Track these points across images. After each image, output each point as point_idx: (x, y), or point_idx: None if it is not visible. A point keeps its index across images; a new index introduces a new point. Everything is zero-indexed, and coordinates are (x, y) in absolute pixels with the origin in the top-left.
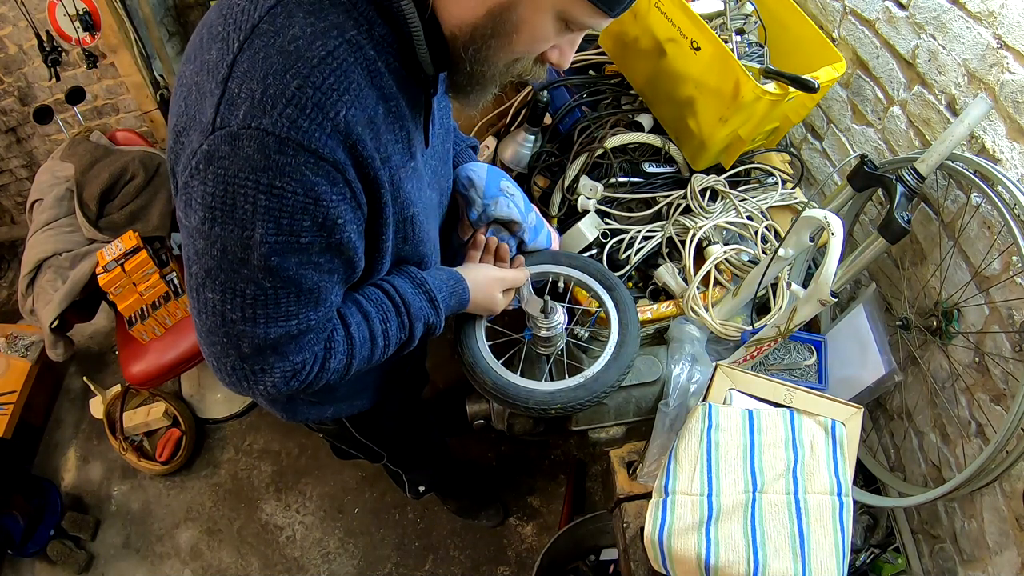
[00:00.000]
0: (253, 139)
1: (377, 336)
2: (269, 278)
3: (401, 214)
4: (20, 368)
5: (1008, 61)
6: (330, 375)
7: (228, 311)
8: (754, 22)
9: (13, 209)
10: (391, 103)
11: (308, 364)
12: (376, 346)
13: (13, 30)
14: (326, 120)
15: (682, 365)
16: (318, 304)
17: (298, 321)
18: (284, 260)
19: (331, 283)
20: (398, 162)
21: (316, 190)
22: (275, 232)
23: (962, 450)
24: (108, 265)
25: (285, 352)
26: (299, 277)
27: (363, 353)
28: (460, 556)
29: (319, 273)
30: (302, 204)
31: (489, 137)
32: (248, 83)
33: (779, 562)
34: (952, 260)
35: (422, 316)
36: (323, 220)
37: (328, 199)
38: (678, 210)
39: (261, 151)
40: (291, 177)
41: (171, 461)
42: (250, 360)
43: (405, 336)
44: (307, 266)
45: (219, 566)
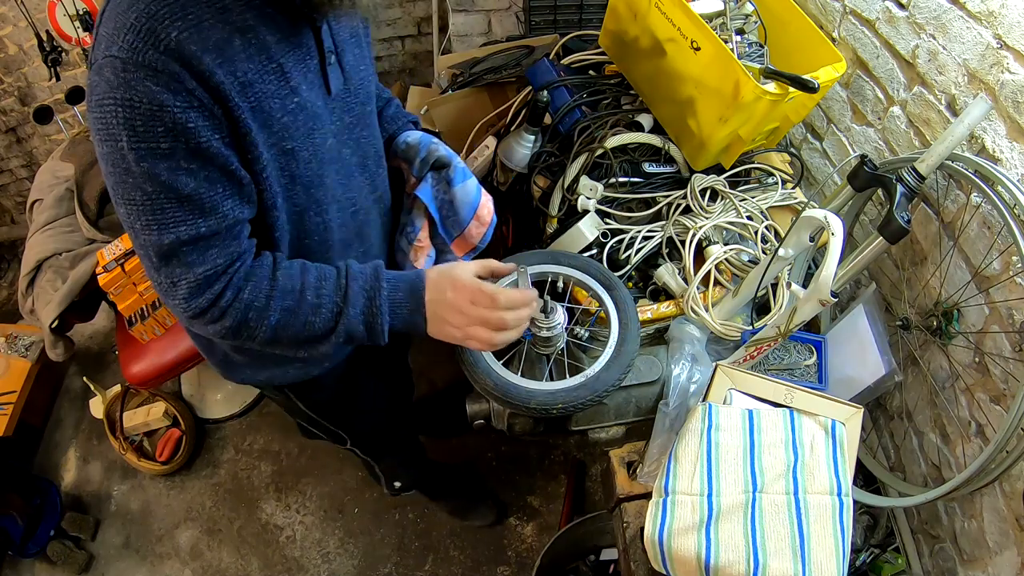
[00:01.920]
0: (107, 65)
1: (307, 291)
2: (149, 182)
3: (279, 145)
4: (20, 368)
5: (1008, 61)
6: (245, 307)
7: (132, 223)
8: (754, 22)
9: (13, 209)
10: (248, 35)
11: (218, 280)
12: (305, 300)
13: (13, 30)
14: (158, 41)
15: (682, 365)
16: (204, 212)
17: (187, 227)
18: (154, 165)
19: (215, 192)
20: (267, 90)
21: (158, 98)
22: (136, 139)
23: (962, 450)
24: (108, 265)
25: (187, 262)
26: (174, 182)
27: (288, 302)
28: (460, 556)
29: (195, 180)
30: (150, 111)
31: (489, 137)
32: (105, 24)
33: (779, 562)
34: (952, 260)
35: (360, 278)
36: (172, 125)
37: (171, 105)
38: (678, 210)
39: (114, 73)
40: (136, 89)
41: (171, 461)
42: (161, 272)
43: (341, 301)
44: (179, 171)
45: (219, 566)
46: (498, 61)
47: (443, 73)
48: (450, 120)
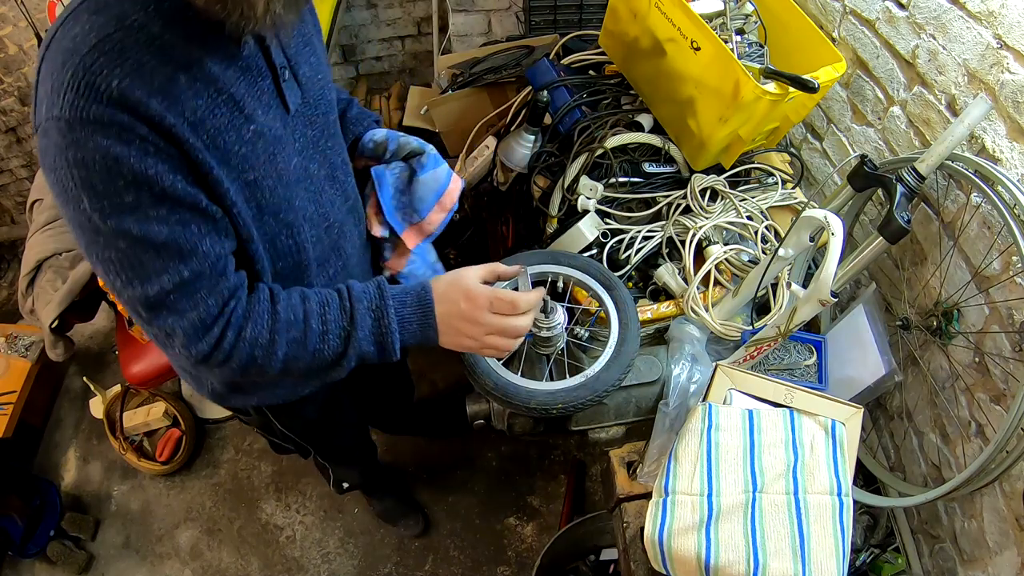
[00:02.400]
0: (53, 127)
1: (312, 318)
2: (120, 239)
3: (240, 178)
4: (20, 368)
5: (1008, 61)
6: (250, 347)
7: (112, 281)
8: (754, 22)
9: (13, 209)
10: (192, 70)
11: (215, 324)
12: (311, 328)
13: (13, 30)
14: (99, 94)
15: (682, 365)
16: (184, 256)
17: (169, 275)
18: (122, 221)
19: (190, 234)
20: (219, 125)
21: (112, 151)
22: (97, 198)
23: (962, 450)
24: None
25: (178, 309)
26: (147, 233)
27: (293, 333)
28: (460, 556)
29: (168, 226)
30: (105, 167)
31: (489, 137)
32: (43, 85)
33: (779, 562)
34: (952, 260)
35: (365, 298)
36: (132, 176)
37: (126, 157)
38: (678, 210)
39: (60, 134)
40: (87, 147)
41: (171, 461)
42: (154, 325)
43: (347, 324)
44: (149, 221)
45: (219, 566)
46: (498, 61)
47: (443, 73)
48: (450, 120)
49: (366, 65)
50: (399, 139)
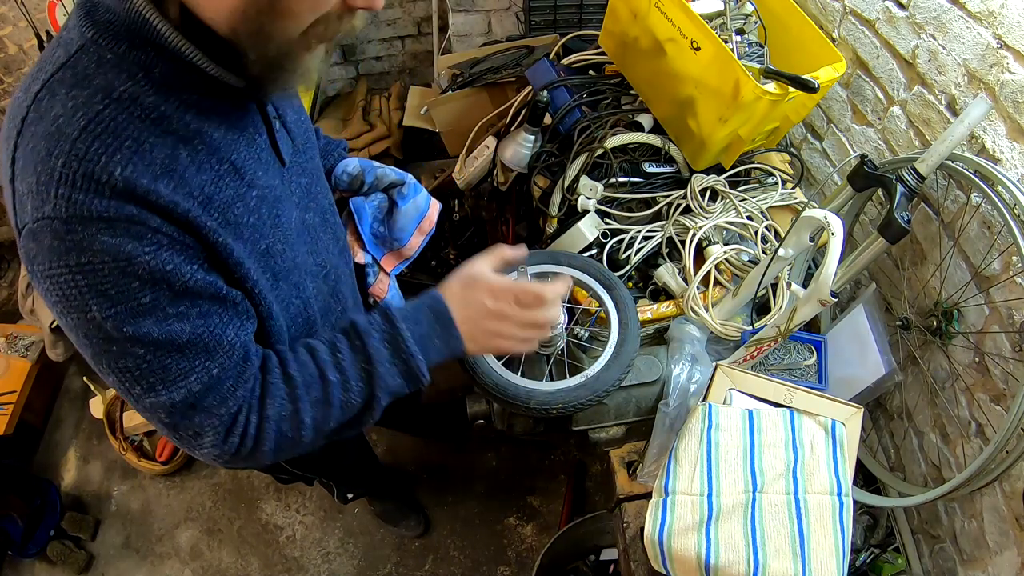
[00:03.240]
0: (46, 230)
1: (327, 370)
2: (139, 346)
3: (255, 250)
4: (20, 368)
5: (1008, 61)
6: (276, 424)
7: (130, 390)
8: (754, 22)
9: None
10: (194, 142)
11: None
12: (329, 382)
13: (13, 30)
14: (100, 186)
15: (682, 365)
16: (210, 352)
17: (196, 375)
18: (139, 326)
19: (213, 326)
20: (227, 198)
21: (123, 250)
22: (109, 304)
23: (962, 450)
24: None
25: (207, 408)
26: (168, 334)
27: (313, 394)
28: (460, 556)
29: (189, 323)
30: (117, 269)
31: (489, 137)
32: (26, 177)
33: (779, 562)
34: (952, 260)
35: (374, 330)
36: (148, 275)
37: (139, 254)
38: (678, 210)
39: (56, 237)
40: (92, 248)
41: (171, 461)
42: (179, 429)
43: (365, 364)
44: (168, 321)
45: (219, 566)
46: (498, 61)
47: (443, 73)
48: (450, 120)
49: (366, 65)
50: (376, 171)
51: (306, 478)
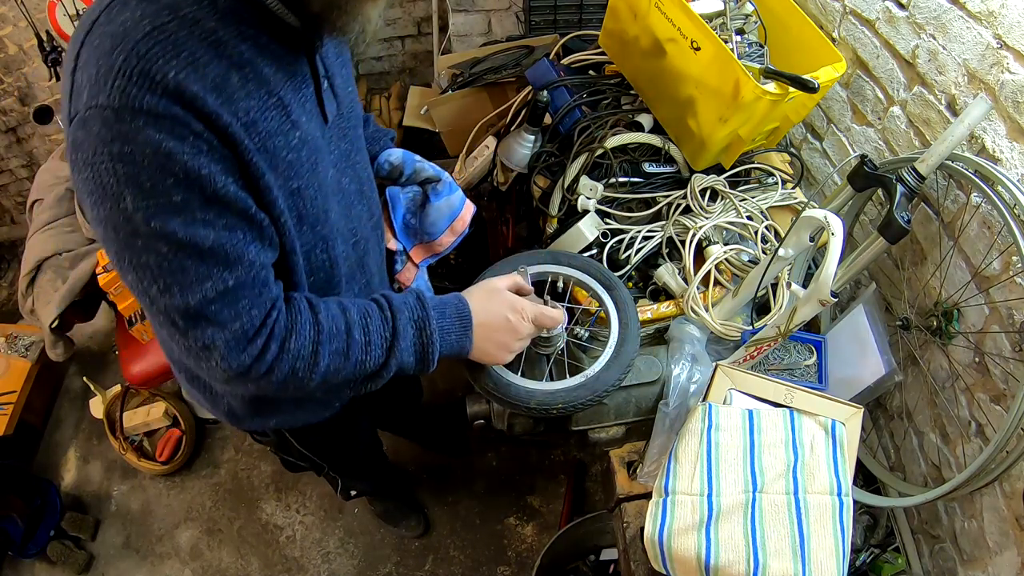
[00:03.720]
0: (96, 117)
1: (354, 328)
2: (163, 243)
3: (286, 186)
4: (20, 368)
5: (1008, 61)
6: (292, 359)
7: (147, 289)
8: (754, 22)
9: (13, 209)
10: (245, 70)
11: (259, 335)
12: (353, 339)
13: (13, 30)
14: (154, 84)
15: (682, 365)
16: (229, 263)
17: (212, 282)
18: (167, 222)
19: (236, 241)
20: (270, 128)
21: (164, 146)
22: (142, 196)
23: (962, 450)
24: (108, 265)
25: (220, 321)
26: (192, 237)
27: (335, 344)
28: (460, 556)
29: (214, 231)
30: (156, 163)
31: (489, 137)
32: (87, 69)
33: (779, 562)
34: (952, 260)
35: (406, 309)
36: (184, 175)
37: (179, 153)
38: (678, 210)
39: (105, 125)
40: (136, 140)
41: (171, 461)
42: (190, 337)
43: (389, 335)
44: (195, 224)
45: (219, 566)
46: (498, 61)
47: (443, 73)
48: (450, 120)
49: (366, 65)
50: (415, 164)
51: (316, 465)
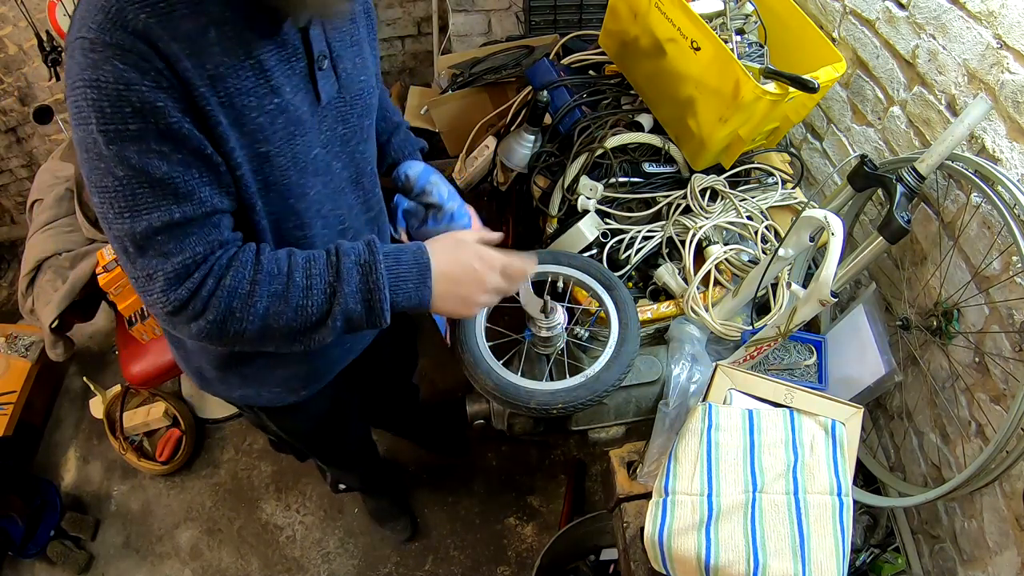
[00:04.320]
0: (77, 47)
1: (295, 271)
2: (119, 166)
3: (252, 147)
4: (20, 368)
5: (1008, 61)
6: (228, 295)
7: (106, 211)
8: (754, 22)
9: (13, 209)
10: (224, 27)
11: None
12: (294, 283)
13: (13, 30)
14: (125, 22)
15: (682, 365)
16: (179, 197)
17: (160, 212)
18: (123, 148)
19: (190, 177)
20: (241, 87)
21: (125, 76)
22: (104, 120)
23: (962, 450)
24: (108, 265)
25: (164, 251)
26: (145, 165)
27: (275, 286)
28: (460, 556)
29: (167, 163)
30: (116, 91)
31: (489, 137)
32: (79, 10)
33: (779, 562)
34: (952, 260)
35: (352, 253)
36: (140, 105)
37: (138, 84)
38: (678, 210)
39: (83, 54)
40: (103, 68)
41: (171, 461)
42: (137, 265)
43: (332, 278)
44: (150, 155)
45: (219, 566)
46: (498, 61)
47: (443, 73)
48: (450, 120)
49: None
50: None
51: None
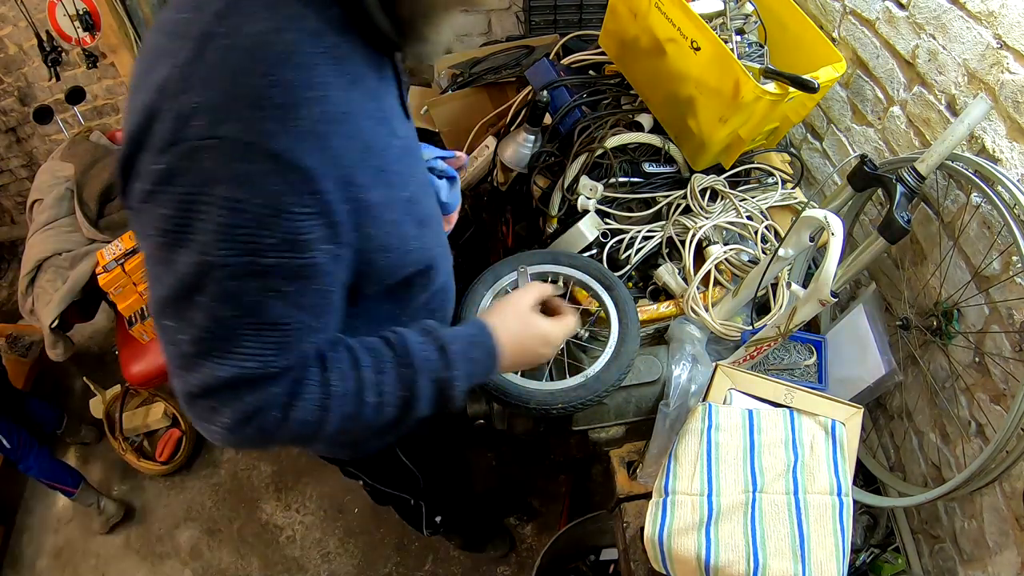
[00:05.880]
0: (212, 149)
1: (366, 391)
2: (226, 306)
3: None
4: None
5: (1008, 61)
6: (297, 427)
7: (182, 342)
8: (754, 22)
9: (13, 209)
10: (361, 86)
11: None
12: (365, 403)
13: (13, 30)
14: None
15: (682, 365)
16: (280, 347)
17: (256, 363)
18: (244, 284)
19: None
20: (383, 145)
21: (279, 199)
22: (233, 252)
23: (962, 450)
24: (108, 265)
25: (240, 394)
26: (260, 305)
27: (346, 409)
28: (460, 556)
29: (285, 305)
30: (262, 217)
31: (489, 137)
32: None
33: (779, 562)
34: (952, 260)
35: (427, 368)
36: (285, 234)
37: (291, 210)
38: (678, 210)
39: (221, 161)
40: (252, 186)
41: (171, 461)
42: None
43: (406, 393)
44: (270, 293)
45: (219, 566)
46: (498, 61)
47: (443, 73)
48: (450, 120)
49: None
50: None
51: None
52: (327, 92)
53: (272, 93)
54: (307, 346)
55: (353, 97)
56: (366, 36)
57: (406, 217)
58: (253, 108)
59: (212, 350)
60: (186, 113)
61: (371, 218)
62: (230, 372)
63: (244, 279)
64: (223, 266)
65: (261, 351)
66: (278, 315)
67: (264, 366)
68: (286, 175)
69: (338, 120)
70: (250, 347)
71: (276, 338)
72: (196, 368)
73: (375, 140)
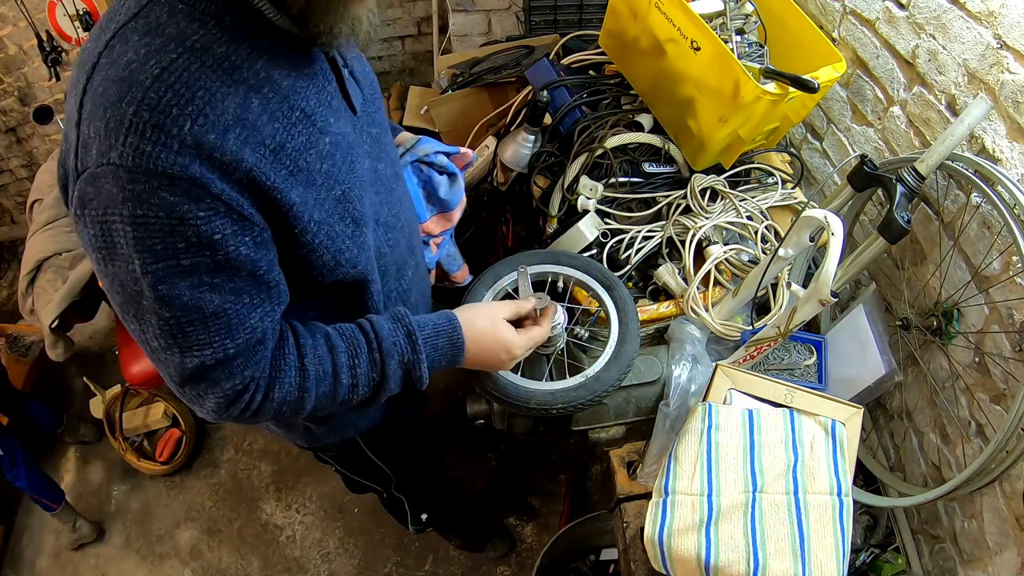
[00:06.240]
0: (107, 175)
1: (341, 372)
2: (166, 308)
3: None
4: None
5: (1008, 61)
6: (278, 405)
7: (148, 339)
8: (754, 22)
9: (13, 209)
10: (264, 90)
11: (247, 391)
12: (340, 383)
13: (13, 30)
14: (169, 139)
15: (682, 365)
16: (231, 329)
17: (213, 350)
18: (173, 287)
19: (241, 305)
20: (300, 145)
21: (178, 210)
22: (153, 260)
23: (962, 450)
24: None
25: (214, 379)
26: (197, 302)
27: (322, 388)
28: (460, 556)
29: (220, 295)
30: (168, 226)
31: (489, 137)
32: (93, 121)
33: (779, 562)
34: (952, 260)
35: (396, 352)
36: (196, 239)
37: (193, 217)
38: (678, 210)
39: (117, 184)
40: (150, 203)
41: (171, 461)
42: (186, 388)
43: (377, 376)
44: (201, 288)
45: (219, 566)
46: (498, 61)
47: (443, 73)
48: (450, 120)
49: None
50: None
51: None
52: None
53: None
54: (256, 321)
55: (252, 103)
56: (271, 37)
57: (335, 217)
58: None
59: (172, 345)
60: (85, 142)
61: (292, 217)
62: (195, 362)
63: (172, 281)
64: (149, 274)
65: (212, 339)
66: (217, 306)
67: (222, 350)
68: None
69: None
70: (203, 338)
71: (222, 324)
72: (168, 361)
73: (288, 141)
